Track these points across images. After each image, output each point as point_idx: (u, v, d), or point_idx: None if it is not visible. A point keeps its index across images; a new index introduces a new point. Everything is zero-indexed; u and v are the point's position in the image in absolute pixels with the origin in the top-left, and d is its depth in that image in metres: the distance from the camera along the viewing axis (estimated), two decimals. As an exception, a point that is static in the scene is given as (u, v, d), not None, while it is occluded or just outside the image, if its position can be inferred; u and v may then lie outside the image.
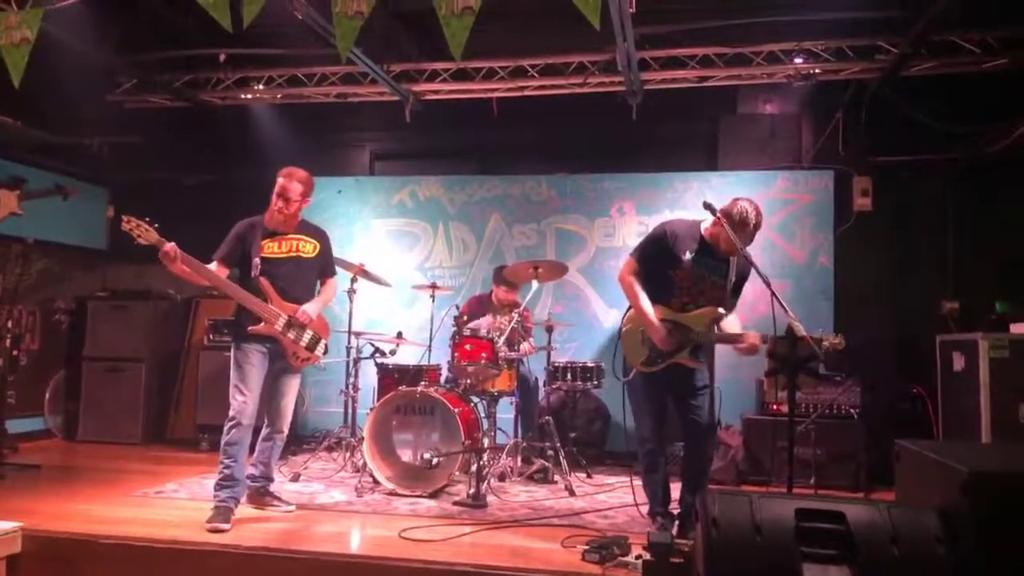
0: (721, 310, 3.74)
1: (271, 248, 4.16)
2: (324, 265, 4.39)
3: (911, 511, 2.44)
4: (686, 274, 3.74)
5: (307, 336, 4.18)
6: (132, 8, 5.58)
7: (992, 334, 4.85)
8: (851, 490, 4.91)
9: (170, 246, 3.78)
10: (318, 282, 4.39)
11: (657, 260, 3.77)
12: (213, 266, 4.04)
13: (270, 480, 4.31)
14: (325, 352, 4.33)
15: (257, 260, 4.09)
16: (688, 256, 3.72)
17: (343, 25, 2.63)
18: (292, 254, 4.21)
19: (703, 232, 3.78)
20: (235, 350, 4.09)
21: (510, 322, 5.24)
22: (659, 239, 3.79)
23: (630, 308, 3.86)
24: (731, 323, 3.82)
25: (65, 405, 6.87)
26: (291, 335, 4.11)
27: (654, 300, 3.75)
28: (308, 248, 4.29)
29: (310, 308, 4.17)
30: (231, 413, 4.00)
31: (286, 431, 4.30)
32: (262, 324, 4.03)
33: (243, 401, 3.98)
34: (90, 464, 5.72)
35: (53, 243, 7.01)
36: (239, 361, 4.05)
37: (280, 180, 4.16)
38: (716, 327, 3.76)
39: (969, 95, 5.74)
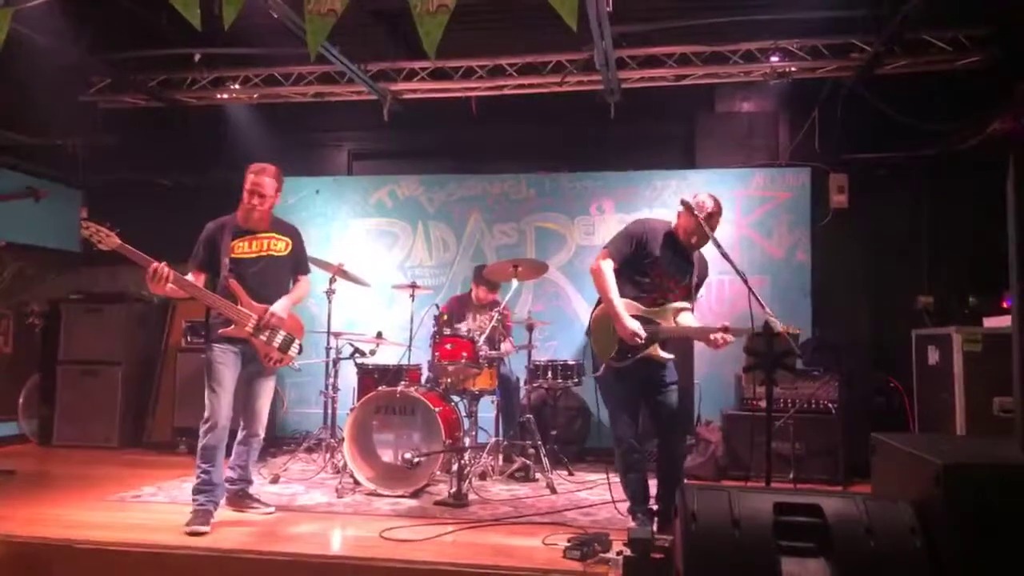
0: (687, 304, 3.83)
1: (241, 248, 4.09)
2: (297, 262, 4.31)
3: (886, 504, 2.47)
4: (661, 271, 3.79)
5: (279, 337, 4.10)
6: (105, 7, 5.50)
7: (966, 328, 4.92)
8: (830, 484, 4.95)
9: (160, 265, 3.71)
10: (291, 280, 4.30)
11: (633, 256, 3.81)
12: (190, 277, 3.99)
13: (248, 482, 4.28)
14: (299, 352, 4.24)
15: (226, 260, 4.01)
16: (661, 253, 3.79)
17: (314, 23, 2.60)
18: (263, 253, 4.14)
19: (673, 230, 3.87)
20: (208, 352, 4.04)
21: (490, 321, 5.24)
22: (636, 235, 3.84)
23: (599, 303, 3.87)
24: (689, 321, 3.89)
25: (39, 409, 6.77)
26: (263, 337, 4.04)
27: (625, 295, 3.78)
28: (280, 246, 4.21)
29: (278, 308, 4.07)
30: (206, 415, 3.95)
31: (262, 434, 4.26)
32: (232, 327, 3.97)
33: (217, 403, 3.94)
34: (66, 469, 5.65)
35: (26, 245, 6.92)
36: (211, 362, 3.99)
37: (251, 176, 4.08)
38: (679, 322, 3.84)
39: (942, 93, 5.81)
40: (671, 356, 3.82)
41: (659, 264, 3.79)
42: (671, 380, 3.84)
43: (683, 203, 3.78)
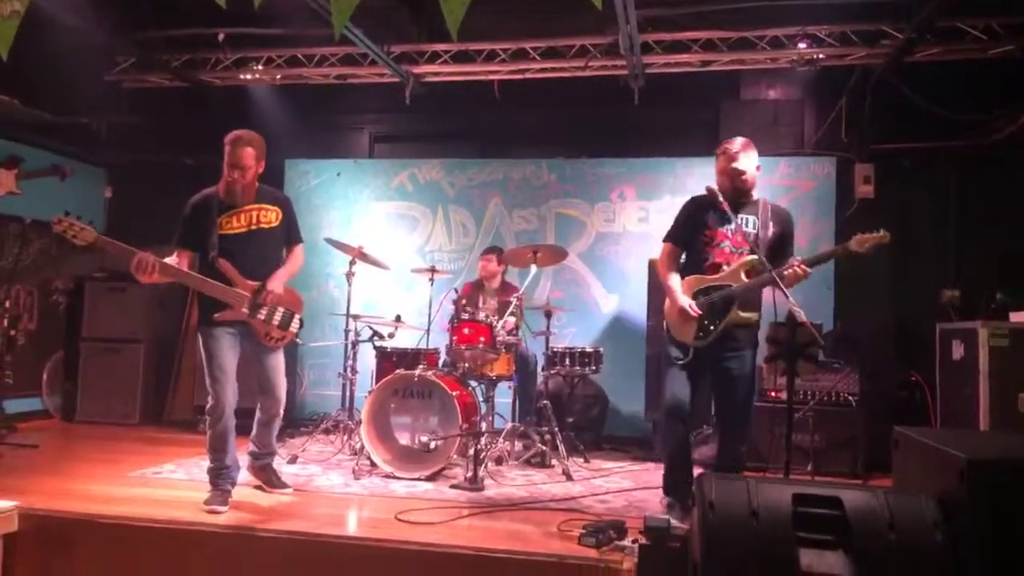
0: (753, 257, 3.67)
1: (229, 224, 3.87)
2: (288, 232, 4.08)
3: (908, 498, 2.43)
4: (713, 233, 3.77)
5: (279, 314, 3.93)
6: (130, -14, 5.53)
7: (992, 322, 4.83)
8: (849, 477, 4.90)
9: (144, 255, 3.60)
10: (284, 251, 4.11)
11: (689, 233, 3.84)
12: (174, 257, 3.82)
13: (272, 454, 4.28)
14: (300, 327, 4.08)
15: (214, 239, 3.81)
16: (712, 216, 3.78)
17: (339, 2, 2.57)
18: (253, 227, 3.92)
19: (714, 189, 3.78)
20: (202, 336, 3.87)
21: (503, 306, 5.23)
22: (685, 211, 3.91)
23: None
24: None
25: (63, 386, 6.86)
26: (261, 316, 3.87)
27: (691, 272, 3.78)
28: (270, 217, 3.98)
29: (274, 284, 3.88)
30: (210, 402, 3.84)
31: (281, 412, 4.16)
32: (228, 310, 3.82)
33: (221, 389, 3.83)
34: (88, 444, 5.72)
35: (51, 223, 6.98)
36: (208, 347, 3.83)
37: (228, 148, 3.82)
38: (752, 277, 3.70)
39: (974, 82, 5.69)
40: (753, 314, 3.69)
41: (709, 228, 3.77)
42: (747, 377, 3.72)
43: (709, 189, 3.77)
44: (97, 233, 3.62)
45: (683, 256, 3.91)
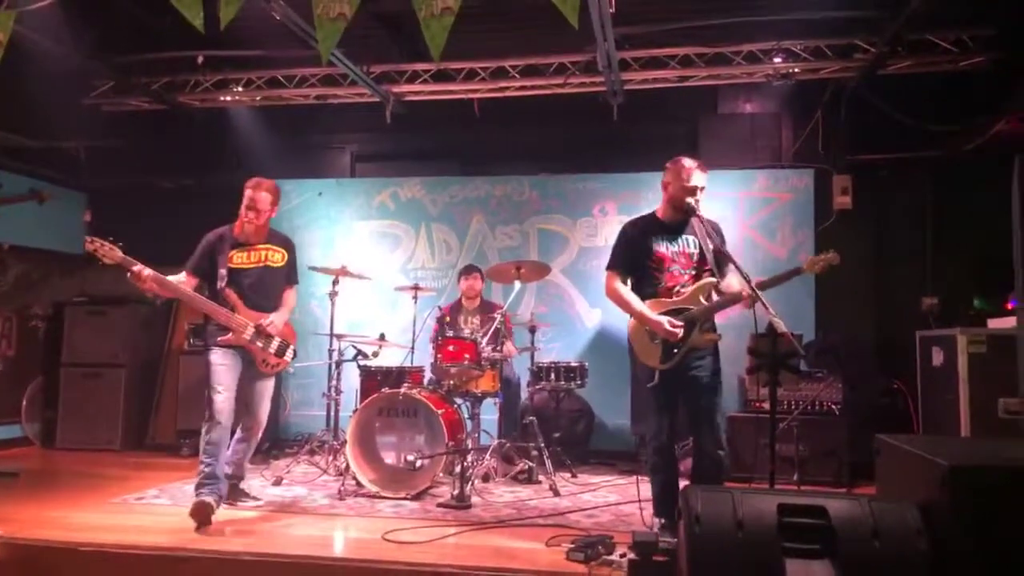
0: (710, 279, 3.72)
1: (240, 258, 4.28)
2: (289, 273, 4.51)
3: (892, 505, 2.45)
4: (661, 257, 3.76)
5: (275, 343, 4.30)
6: (108, 9, 5.50)
7: (970, 329, 4.90)
8: (833, 486, 4.93)
9: (138, 268, 3.91)
10: (283, 289, 4.49)
11: (634, 257, 3.81)
12: (183, 276, 4.18)
13: (240, 478, 4.47)
14: (294, 357, 4.47)
15: (223, 271, 4.19)
16: (654, 240, 3.78)
17: (325, 27, 2.59)
18: (261, 264, 4.33)
19: (657, 214, 3.88)
20: (208, 355, 4.20)
21: (483, 322, 5.23)
22: (626, 236, 3.88)
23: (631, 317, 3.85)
24: (734, 284, 3.72)
25: (43, 412, 6.78)
26: (259, 343, 4.24)
27: (645, 298, 3.75)
28: (277, 257, 4.41)
29: (276, 319, 4.28)
30: (209, 412, 4.10)
31: (260, 434, 4.45)
32: (230, 335, 4.15)
33: (220, 400, 4.10)
34: (69, 471, 5.65)
35: (29, 248, 6.92)
36: (212, 364, 4.15)
37: (248, 192, 4.26)
38: (712, 297, 3.73)
39: (946, 94, 5.80)
40: (714, 335, 3.71)
41: (658, 251, 3.76)
42: (712, 380, 3.74)
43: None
44: (123, 253, 3.91)
45: (629, 283, 3.85)
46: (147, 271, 3.92)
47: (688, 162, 3.81)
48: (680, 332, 3.61)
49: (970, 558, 2.29)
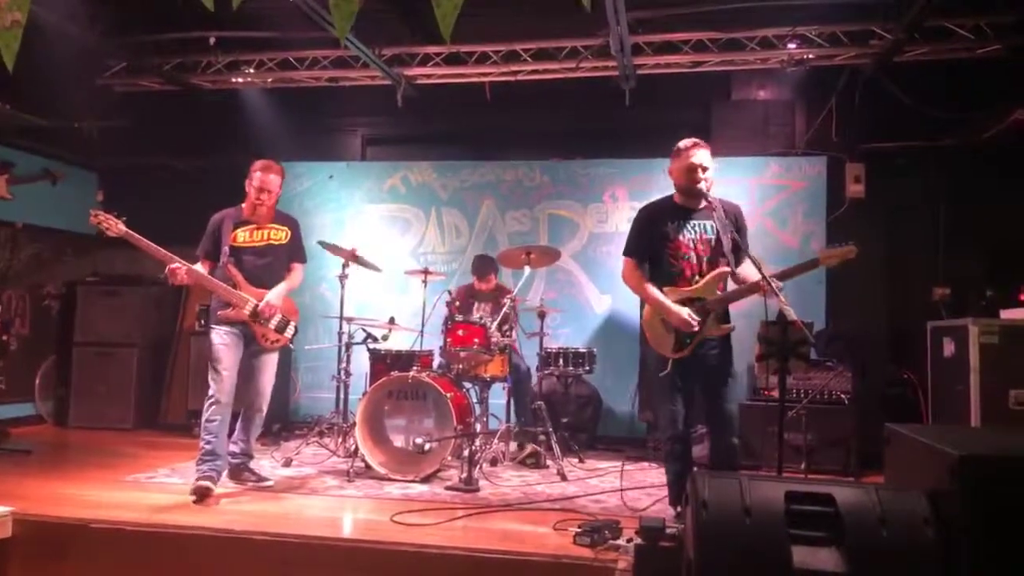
0: (725, 268, 3.69)
1: (244, 236, 4.37)
2: (293, 251, 4.55)
3: (900, 493, 2.45)
4: (679, 243, 3.72)
5: (276, 319, 4.36)
6: (121, -10, 5.51)
7: (982, 320, 4.86)
8: (841, 475, 4.92)
9: (176, 265, 4.04)
10: (288, 267, 4.54)
11: (649, 243, 3.78)
12: (199, 266, 4.28)
13: (250, 456, 4.50)
14: (295, 333, 4.51)
15: (226, 248, 4.29)
16: (670, 224, 3.74)
17: (340, 8, 2.57)
18: (263, 242, 4.42)
19: (674, 198, 3.83)
20: (210, 335, 4.30)
21: (496, 308, 5.23)
22: (642, 221, 3.85)
23: (643, 304, 3.84)
24: (750, 273, 3.67)
25: (56, 390, 6.85)
26: (259, 320, 4.30)
27: (658, 284, 3.73)
28: (280, 235, 4.48)
29: (273, 296, 4.32)
30: (210, 392, 4.20)
31: (264, 409, 4.48)
32: (231, 309, 4.24)
33: (221, 379, 4.18)
34: (81, 449, 5.72)
35: (43, 228, 6.97)
36: (214, 344, 4.25)
37: (258, 174, 4.36)
38: (727, 287, 3.71)
39: (962, 81, 5.74)
40: (731, 326, 3.71)
41: (674, 237, 3.72)
42: (725, 368, 3.71)
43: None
44: (126, 227, 4.05)
45: (646, 267, 3.82)
46: (182, 270, 4.05)
47: (684, 142, 3.77)
48: (696, 324, 3.60)
49: (978, 547, 2.28)
